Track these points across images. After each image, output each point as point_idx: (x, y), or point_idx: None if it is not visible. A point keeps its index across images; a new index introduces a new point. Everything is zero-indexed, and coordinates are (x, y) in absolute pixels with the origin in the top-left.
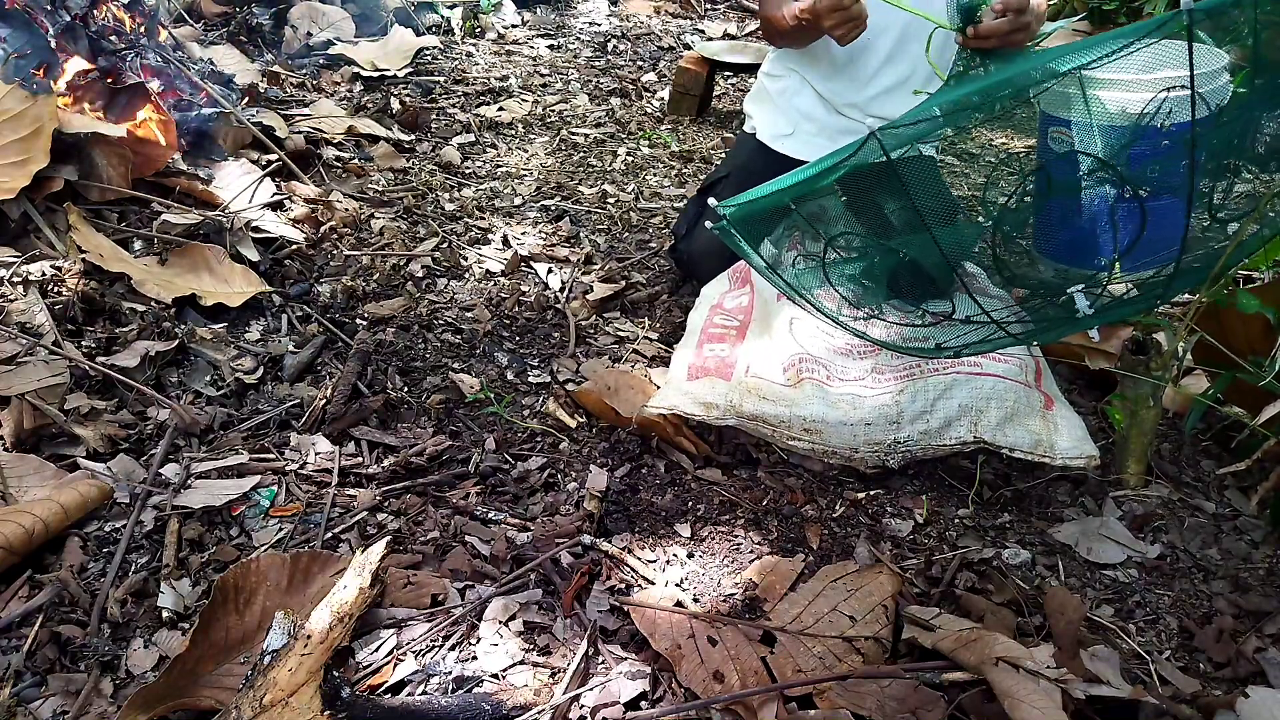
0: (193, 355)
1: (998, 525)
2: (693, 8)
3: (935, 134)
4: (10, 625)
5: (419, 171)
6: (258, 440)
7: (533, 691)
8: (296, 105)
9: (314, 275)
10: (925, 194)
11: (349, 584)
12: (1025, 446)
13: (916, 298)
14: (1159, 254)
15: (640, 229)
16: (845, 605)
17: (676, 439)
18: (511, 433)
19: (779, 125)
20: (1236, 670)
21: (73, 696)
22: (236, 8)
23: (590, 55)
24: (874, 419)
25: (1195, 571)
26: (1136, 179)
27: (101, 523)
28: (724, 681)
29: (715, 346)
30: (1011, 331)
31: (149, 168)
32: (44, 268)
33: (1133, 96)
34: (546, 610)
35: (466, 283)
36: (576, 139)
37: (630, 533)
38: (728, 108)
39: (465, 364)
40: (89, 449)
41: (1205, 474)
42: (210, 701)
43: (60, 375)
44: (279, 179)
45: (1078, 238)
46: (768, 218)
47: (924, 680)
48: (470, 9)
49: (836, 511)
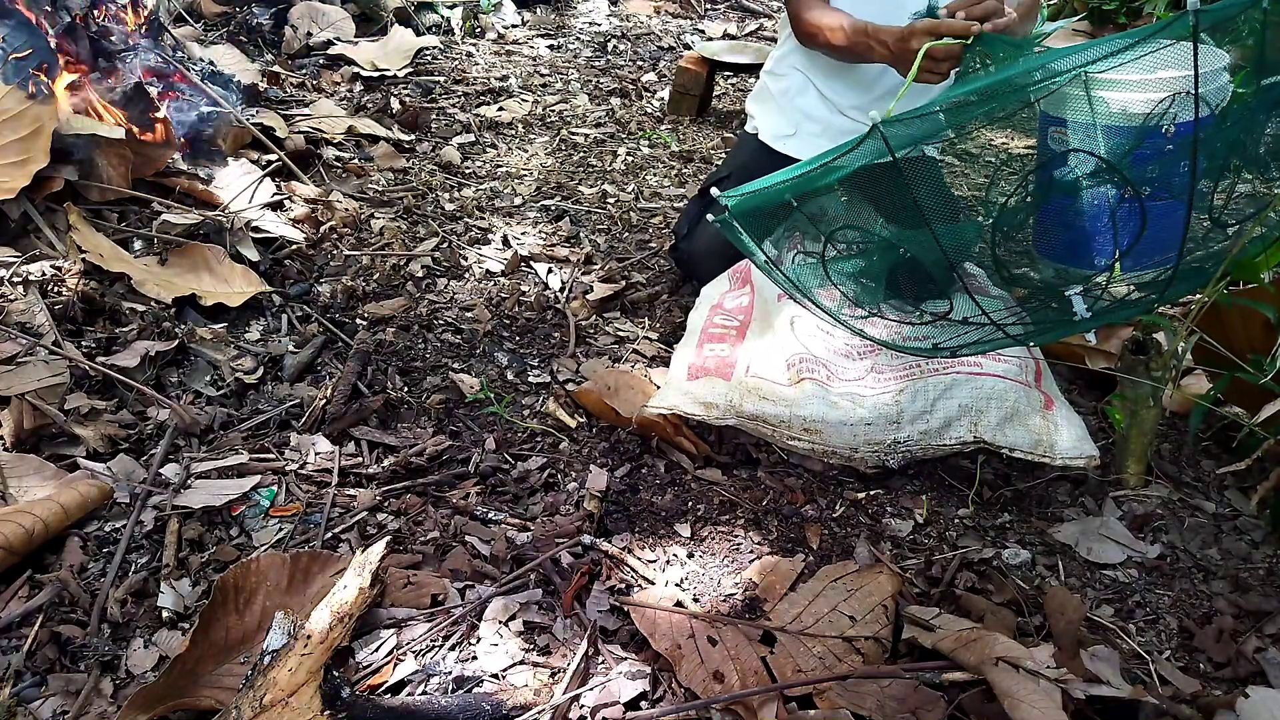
0: (193, 355)
1: (998, 525)
2: (693, 8)
3: (939, 133)
4: (10, 625)
5: (419, 171)
6: (258, 440)
7: (533, 691)
8: (296, 105)
9: (314, 275)
10: (927, 194)
11: (349, 584)
12: (1025, 446)
13: (916, 297)
14: (1158, 256)
15: (640, 229)
16: (845, 605)
17: (676, 439)
18: (511, 433)
19: (781, 125)
20: (1236, 670)
21: (73, 696)
22: (236, 8)
23: (590, 55)
24: (874, 419)
25: (1195, 571)
26: (1137, 180)
27: (101, 523)
28: (724, 681)
29: (715, 346)
30: (1010, 333)
31: (149, 168)
32: (44, 268)
33: (1134, 97)
34: (546, 610)
35: (466, 283)
36: (576, 139)
37: (630, 533)
38: (728, 108)
39: (465, 364)
40: (89, 449)
41: (1205, 474)
42: (210, 701)
43: (60, 375)
44: (279, 179)
45: (1077, 238)
46: (770, 213)
47: (924, 680)
48: (470, 9)
49: (836, 511)
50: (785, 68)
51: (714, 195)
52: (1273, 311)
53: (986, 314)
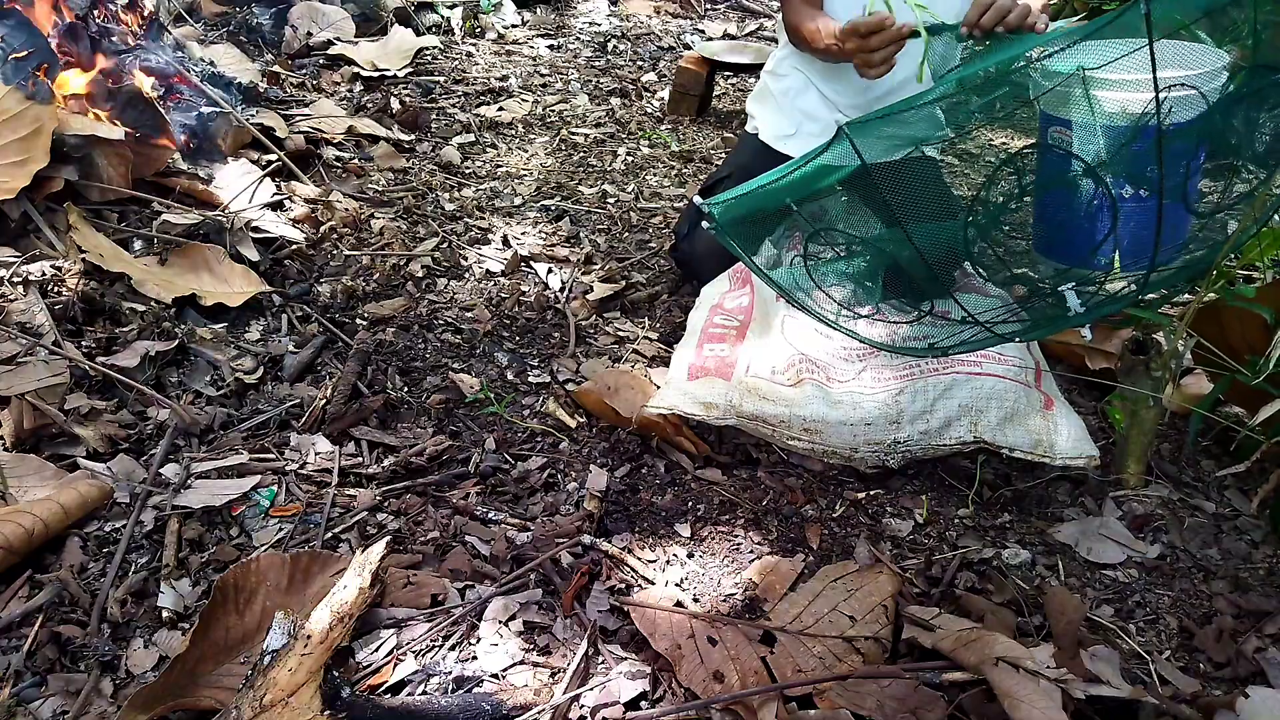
0: (193, 355)
1: (998, 525)
2: (693, 8)
3: (925, 137)
4: (10, 625)
5: (419, 171)
6: (258, 440)
7: (533, 691)
8: (296, 105)
9: (314, 275)
10: (926, 194)
11: (349, 584)
12: (1025, 446)
13: (914, 297)
14: (1148, 250)
15: (640, 229)
16: (845, 605)
17: (676, 439)
18: (511, 433)
19: (782, 125)
20: (1236, 670)
21: (73, 696)
22: (236, 8)
23: (590, 55)
24: (874, 419)
25: (1195, 571)
26: (1131, 175)
27: (101, 523)
28: (724, 681)
29: (715, 346)
30: (999, 332)
31: (149, 168)
32: (44, 268)
33: (1126, 96)
34: (546, 610)
35: (466, 283)
36: (576, 139)
37: (630, 533)
38: (728, 108)
39: (465, 364)
40: (89, 449)
41: (1205, 474)
42: (210, 701)
43: (60, 375)
44: (279, 179)
45: (1064, 233)
46: (757, 219)
47: (924, 680)
48: (470, 9)
49: (836, 511)
50: (786, 68)
51: (697, 203)
52: (1269, 313)
53: (972, 315)
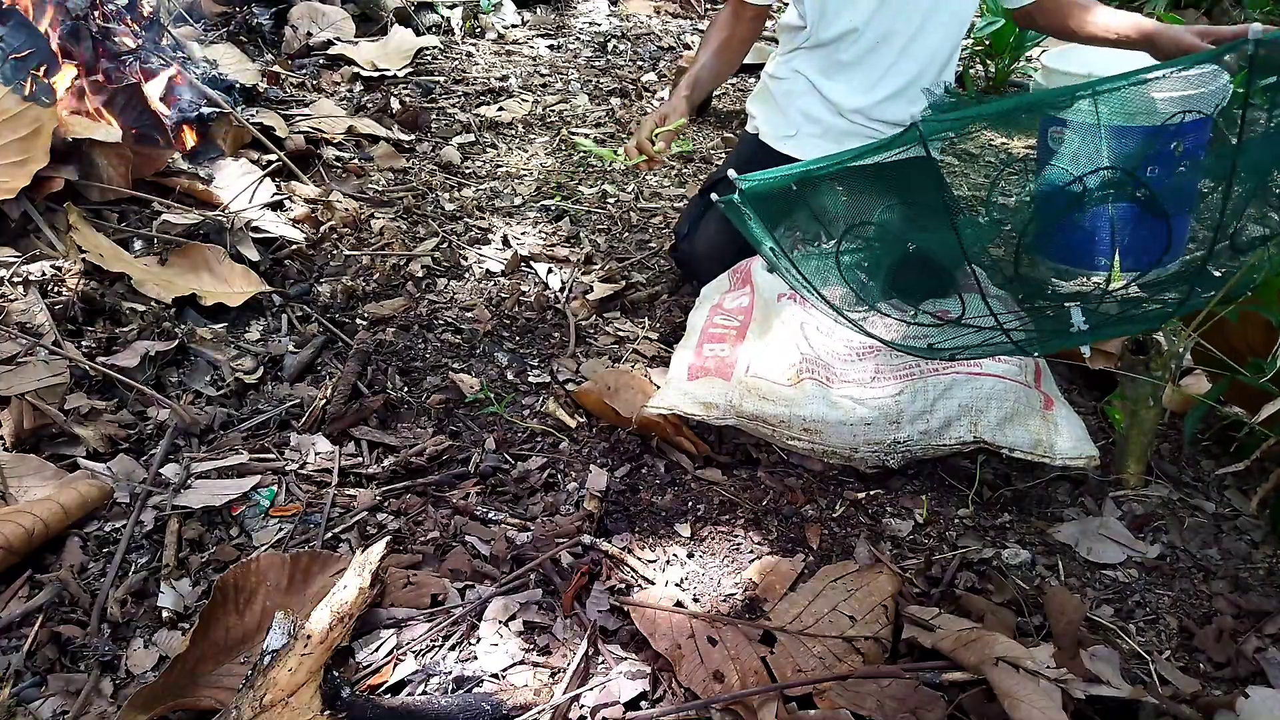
0: (193, 355)
1: (998, 525)
2: (693, 8)
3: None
4: (10, 625)
5: (419, 171)
6: (258, 440)
7: (533, 691)
8: (296, 105)
9: (314, 275)
10: (932, 193)
11: (349, 584)
12: (1025, 446)
13: (917, 296)
14: (1153, 261)
15: (640, 229)
16: (845, 605)
17: (676, 439)
18: (511, 433)
19: (782, 126)
20: (1236, 670)
21: (73, 696)
22: (236, 8)
23: (590, 55)
24: (874, 419)
25: (1195, 571)
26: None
27: (101, 523)
28: (724, 681)
29: (715, 346)
30: (1014, 338)
31: (149, 168)
32: (44, 268)
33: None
34: (546, 610)
35: (466, 283)
36: (577, 139)
37: (630, 533)
38: (728, 108)
39: (465, 364)
40: (89, 449)
41: (1205, 474)
42: (210, 701)
43: (60, 375)
44: (279, 179)
45: (1081, 240)
46: (783, 198)
47: (924, 680)
48: (470, 9)
49: (836, 511)
50: (786, 69)
51: (731, 177)
52: (1275, 316)
53: (995, 316)
